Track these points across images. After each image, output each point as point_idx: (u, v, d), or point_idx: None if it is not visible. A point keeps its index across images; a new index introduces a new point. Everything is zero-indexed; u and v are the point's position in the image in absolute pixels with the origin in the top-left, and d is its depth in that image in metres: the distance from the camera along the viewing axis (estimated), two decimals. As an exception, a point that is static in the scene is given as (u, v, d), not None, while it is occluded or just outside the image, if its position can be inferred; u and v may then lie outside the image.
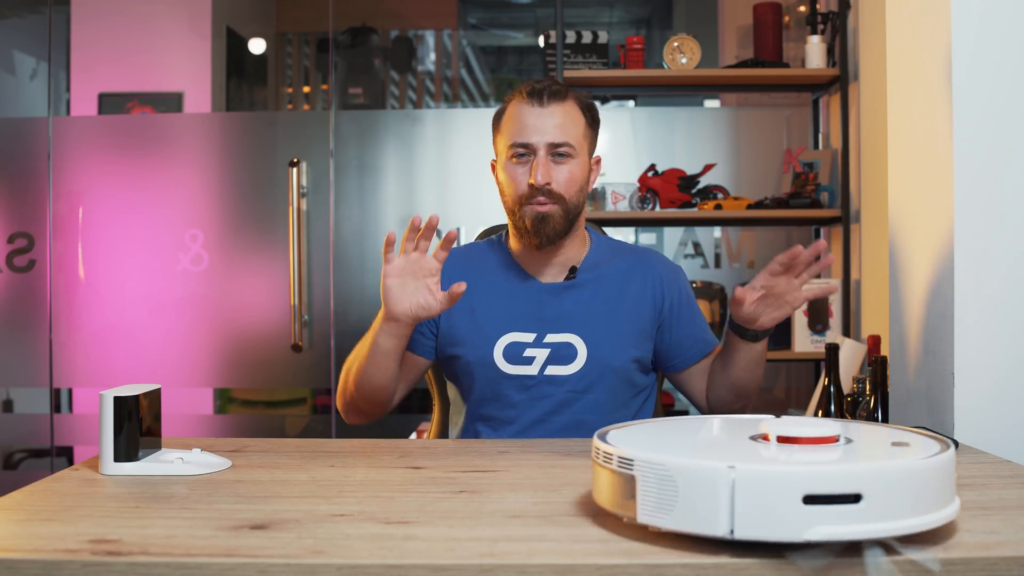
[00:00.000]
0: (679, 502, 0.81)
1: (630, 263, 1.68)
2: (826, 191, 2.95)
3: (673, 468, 0.82)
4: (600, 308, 1.62)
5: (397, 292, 1.45)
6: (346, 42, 3.70)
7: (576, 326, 1.60)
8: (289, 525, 0.93)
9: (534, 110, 1.56)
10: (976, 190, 1.35)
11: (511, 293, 1.63)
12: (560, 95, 1.57)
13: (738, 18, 3.52)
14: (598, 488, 0.92)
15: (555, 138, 1.55)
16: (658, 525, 0.83)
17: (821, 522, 0.78)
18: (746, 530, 0.79)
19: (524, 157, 1.57)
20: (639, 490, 0.84)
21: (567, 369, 1.59)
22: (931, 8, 1.43)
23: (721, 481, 0.79)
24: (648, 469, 0.84)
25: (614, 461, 0.87)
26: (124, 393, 1.18)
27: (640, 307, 1.64)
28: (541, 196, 1.55)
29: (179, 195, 3.29)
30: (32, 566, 0.83)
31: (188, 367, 3.29)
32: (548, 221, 1.56)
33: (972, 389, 1.35)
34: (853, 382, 1.78)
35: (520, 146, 1.56)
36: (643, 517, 0.84)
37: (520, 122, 1.56)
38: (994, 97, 1.35)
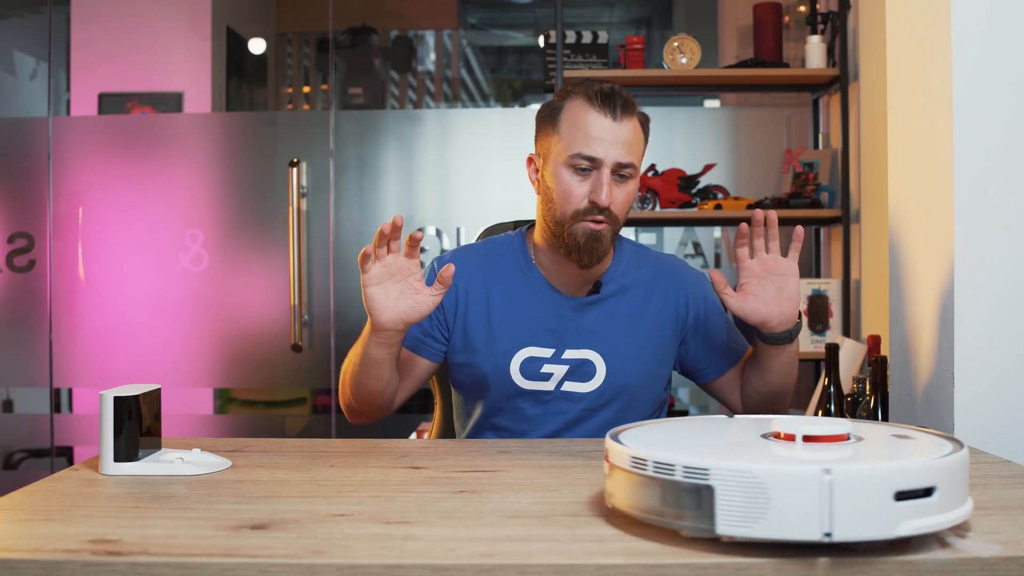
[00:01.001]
0: (770, 510, 0.79)
1: (652, 275, 1.61)
2: (826, 191, 2.95)
3: (763, 475, 0.79)
4: (621, 325, 1.56)
5: (380, 299, 1.38)
6: (346, 42, 3.70)
7: (596, 343, 1.55)
8: (289, 525, 0.93)
9: (606, 122, 1.46)
10: (976, 190, 1.35)
11: (531, 305, 1.56)
12: (631, 108, 1.48)
13: (738, 18, 3.52)
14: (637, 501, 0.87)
15: (623, 157, 1.46)
16: (745, 535, 0.80)
17: (908, 517, 0.79)
18: (843, 532, 0.79)
19: (586, 171, 1.47)
20: (719, 500, 0.80)
21: (585, 386, 1.55)
22: (931, 8, 1.43)
23: (817, 485, 0.78)
24: (731, 478, 0.80)
25: (677, 471, 0.83)
26: (124, 393, 1.18)
27: (662, 322, 1.59)
28: (600, 215, 1.47)
29: (179, 195, 3.29)
30: (32, 566, 0.83)
31: (188, 367, 3.29)
32: (601, 241, 1.48)
33: (972, 389, 1.35)
34: (853, 382, 1.78)
35: (585, 158, 1.46)
36: (724, 528, 0.81)
37: (588, 132, 1.46)
38: (994, 97, 1.35)
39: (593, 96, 1.47)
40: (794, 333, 1.47)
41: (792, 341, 1.48)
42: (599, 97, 1.47)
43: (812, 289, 2.91)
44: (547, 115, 1.54)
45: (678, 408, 3.32)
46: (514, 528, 0.92)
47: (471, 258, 1.61)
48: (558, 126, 1.50)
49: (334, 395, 3.30)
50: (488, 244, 1.66)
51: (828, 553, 0.81)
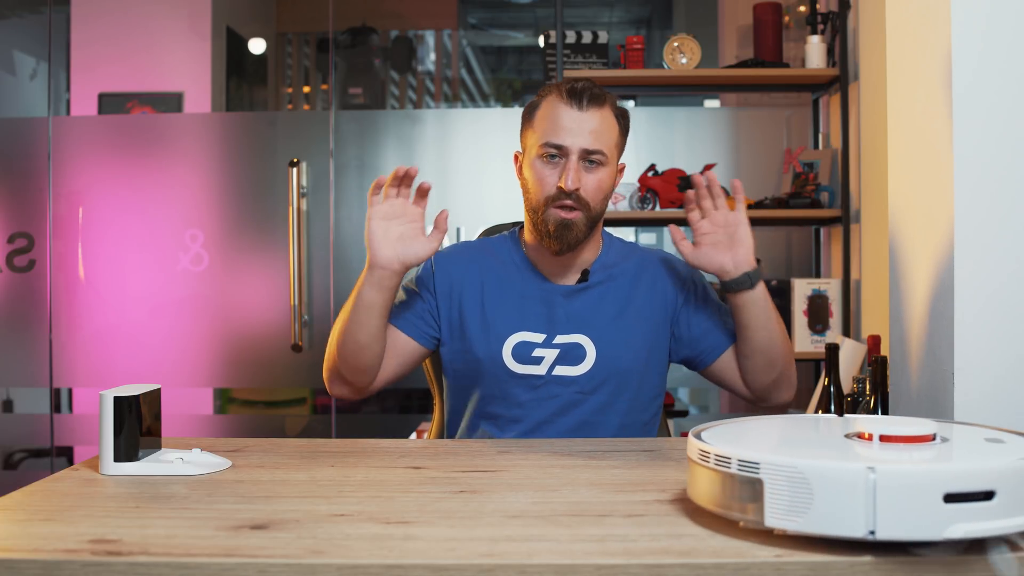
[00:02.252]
0: (814, 505, 0.81)
1: (640, 264, 1.67)
2: (826, 191, 2.95)
3: (807, 470, 0.81)
4: (610, 309, 1.62)
5: (380, 235, 1.46)
6: (346, 42, 3.70)
7: (585, 327, 1.60)
8: (289, 525, 0.93)
9: (572, 112, 1.54)
10: (976, 190, 1.35)
11: (523, 293, 1.62)
12: (599, 100, 1.56)
13: (738, 18, 3.52)
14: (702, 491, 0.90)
15: (589, 144, 1.54)
16: (789, 528, 0.82)
17: (959, 520, 0.79)
18: (887, 530, 0.79)
19: (555, 159, 1.55)
20: (767, 493, 0.83)
21: (576, 370, 1.59)
22: (931, 8, 1.43)
23: (861, 482, 0.79)
24: (778, 472, 0.82)
25: (733, 464, 0.86)
26: (124, 393, 1.18)
27: (650, 310, 1.64)
28: (568, 200, 1.53)
29: (179, 195, 3.29)
30: (32, 566, 0.83)
31: (188, 367, 3.29)
32: (571, 228, 1.54)
33: (972, 389, 1.35)
34: (853, 382, 1.78)
35: (552, 147, 1.54)
36: (771, 521, 0.83)
37: (555, 122, 1.54)
38: (994, 97, 1.35)
39: (564, 91, 1.57)
40: (753, 278, 1.54)
41: (753, 287, 1.54)
42: (568, 91, 1.56)
43: (812, 289, 2.91)
44: (526, 113, 1.64)
45: (678, 408, 3.32)
46: (514, 528, 0.92)
47: (467, 251, 1.69)
48: (533, 122, 1.61)
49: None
50: (483, 241, 1.73)
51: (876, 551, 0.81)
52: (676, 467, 1.20)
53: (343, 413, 3.35)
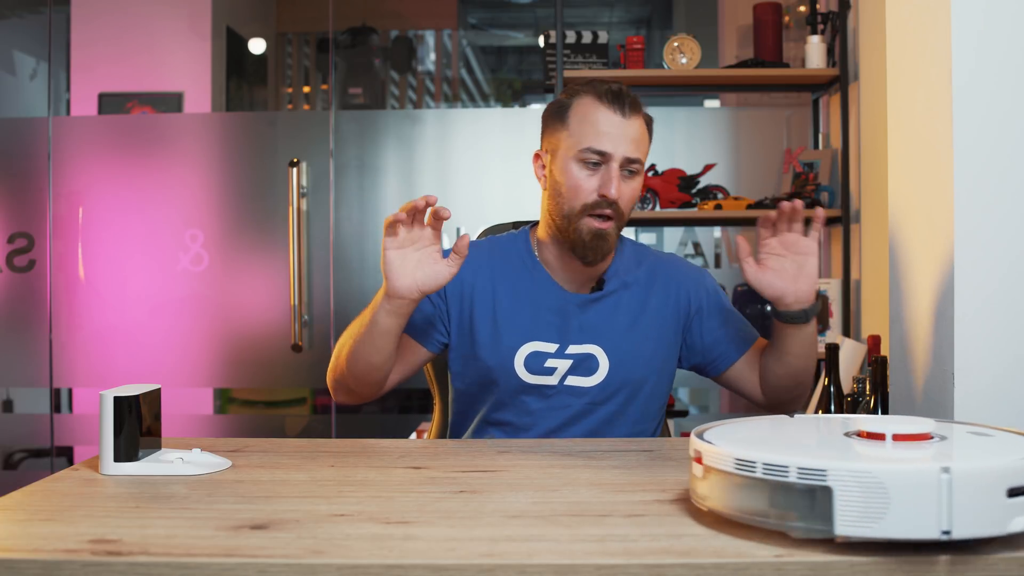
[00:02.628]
0: (890, 510, 0.80)
1: (652, 272, 1.64)
2: (826, 191, 2.95)
3: (884, 476, 0.80)
4: (623, 320, 1.58)
5: (397, 265, 1.37)
6: (346, 42, 3.70)
7: (599, 338, 1.56)
8: (289, 525, 0.93)
9: (615, 117, 1.50)
10: (976, 190, 1.35)
11: (536, 301, 1.58)
12: (638, 107, 1.53)
13: (738, 18, 3.52)
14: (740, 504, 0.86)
15: (631, 152, 1.50)
16: (864, 536, 0.81)
17: (1019, 513, 0.80)
18: (962, 529, 0.79)
19: (595, 165, 1.50)
20: (837, 501, 0.81)
21: (588, 381, 1.56)
22: (931, 8, 1.43)
23: (937, 484, 0.79)
24: (851, 479, 0.80)
25: (791, 473, 0.83)
26: (124, 393, 1.18)
27: (663, 318, 1.61)
28: (608, 210, 1.49)
29: (179, 195, 3.29)
30: (32, 566, 0.83)
31: (188, 367, 3.29)
32: (606, 239, 1.51)
33: (972, 389, 1.35)
34: (853, 382, 1.78)
35: (595, 152, 1.49)
36: (842, 529, 0.81)
37: (597, 126, 1.49)
38: (994, 97, 1.35)
39: (602, 94, 1.51)
40: (810, 313, 1.49)
41: (808, 321, 1.49)
42: (608, 95, 1.51)
43: (812, 289, 2.90)
44: (555, 112, 1.57)
45: (678, 408, 3.32)
46: (514, 528, 0.92)
47: (477, 253, 1.62)
48: (567, 122, 1.53)
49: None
50: (493, 241, 1.67)
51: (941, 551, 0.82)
52: (676, 467, 1.20)
53: (343, 413, 3.35)
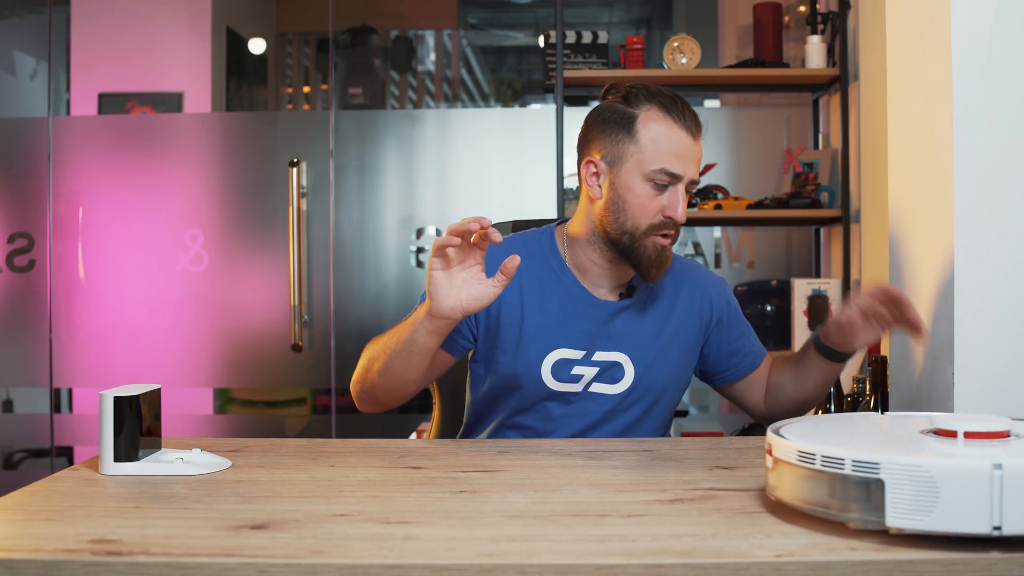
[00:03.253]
0: (940, 504, 0.81)
1: (678, 280, 1.63)
2: (826, 191, 2.95)
3: (934, 470, 0.82)
4: (650, 329, 1.58)
5: (444, 286, 1.31)
6: (346, 42, 3.70)
7: (626, 345, 1.56)
8: (289, 525, 0.93)
9: (688, 140, 1.48)
10: (976, 190, 1.35)
11: (564, 307, 1.55)
12: (700, 126, 1.52)
13: (738, 18, 3.52)
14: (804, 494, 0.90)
15: (695, 175, 1.50)
16: (914, 528, 0.83)
17: None
18: (1012, 525, 0.81)
19: (664, 186, 1.47)
20: (888, 494, 0.83)
21: (613, 388, 1.55)
22: (931, 8, 1.42)
23: (988, 480, 0.81)
24: (901, 472, 0.83)
25: (847, 465, 0.86)
26: (124, 393, 1.18)
27: (688, 326, 1.61)
28: (672, 230, 1.50)
29: (179, 195, 3.29)
30: (32, 566, 0.83)
31: (188, 367, 3.29)
32: (668, 256, 1.52)
33: (972, 389, 1.35)
34: (853, 382, 1.79)
35: (668, 175, 1.47)
36: (892, 521, 0.83)
37: (673, 149, 1.47)
38: (995, 96, 1.35)
39: (672, 110, 1.48)
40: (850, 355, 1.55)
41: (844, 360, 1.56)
42: (680, 114, 1.48)
43: (812, 289, 2.91)
44: (617, 121, 1.50)
45: (678, 408, 3.32)
46: (514, 528, 0.92)
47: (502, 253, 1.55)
48: (635, 136, 1.48)
49: (334, 395, 3.30)
50: (516, 240, 1.62)
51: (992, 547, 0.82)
52: (676, 467, 1.20)
53: (343, 413, 3.35)
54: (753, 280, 3.28)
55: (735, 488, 1.07)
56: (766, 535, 0.88)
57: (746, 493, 1.05)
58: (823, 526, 0.91)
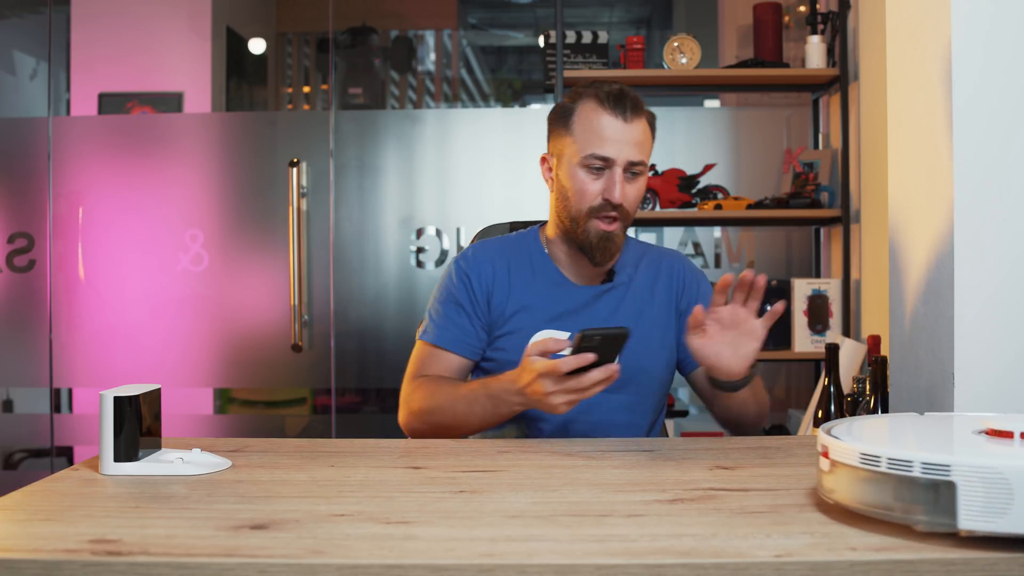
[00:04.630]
0: (1015, 505, 0.81)
1: (657, 264, 1.69)
2: (826, 191, 2.95)
3: (1008, 472, 0.81)
4: (631, 311, 1.63)
5: None
6: (346, 42, 3.70)
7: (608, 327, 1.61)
8: (289, 525, 0.93)
9: (617, 123, 1.53)
10: (976, 190, 1.35)
11: (548, 294, 1.63)
12: (639, 109, 1.56)
13: (738, 18, 3.52)
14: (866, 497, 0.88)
15: (633, 156, 1.54)
16: (988, 531, 0.82)
17: None
18: None
19: (600, 170, 1.54)
20: (960, 496, 0.82)
21: None
22: (931, 8, 1.43)
23: None
24: (974, 474, 0.82)
25: (915, 467, 0.85)
26: (124, 393, 1.18)
27: (666, 308, 1.66)
28: (613, 212, 1.54)
29: (179, 195, 3.29)
30: (32, 566, 0.83)
31: (188, 367, 3.29)
32: (613, 239, 1.56)
33: (972, 389, 1.35)
34: (853, 382, 1.78)
35: (599, 158, 1.53)
36: (965, 523, 0.82)
37: (600, 133, 1.53)
38: (994, 96, 1.35)
39: (604, 98, 1.54)
40: (739, 386, 1.48)
41: (737, 391, 1.49)
42: (610, 99, 1.54)
43: (812, 289, 2.91)
44: (559, 117, 1.60)
45: (678, 408, 3.32)
46: (514, 528, 0.92)
47: (493, 251, 1.67)
48: (571, 128, 1.57)
49: (334, 395, 3.30)
50: (505, 240, 1.72)
51: None
52: (676, 467, 1.20)
53: (343, 413, 3.35)
54: (753, 280, 3.28)
55: (735, 488, 1.07)
56: (766, 535, 0.88)
57: (746, 493, 1.05)
58: (822, 526, 0.91)
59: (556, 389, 1.30)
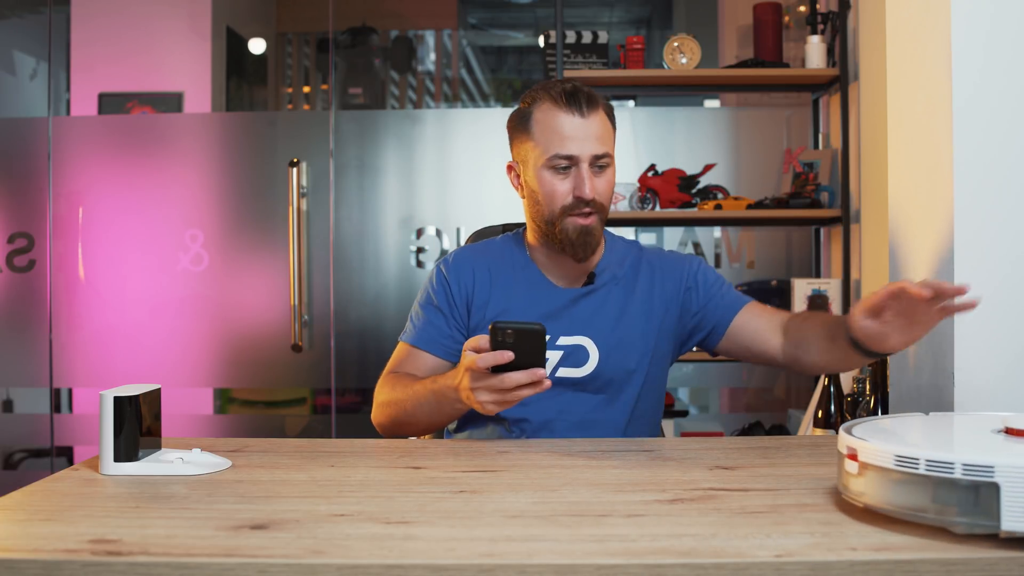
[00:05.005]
0: None
1: (637, 263, 1.68)
2: (826, 191, 2.95)
3: None
4: (611, 312, 1.62)
5: None
6: (346, 42, 3.70)
7: (589, 329, 1.61)
8: (289, 525, 0.93)
9: (575, 120, 1.53)
10: (976, 190, 1.35)
11: (529, 297, 1.63)
12: (596, 102, 1.55)
13: (738, 18, 3.52)
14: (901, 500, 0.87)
15: (598, 149, 1.54)
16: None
17: None
18: None
19: (566, 169, 1.55)
20: (1004, 497, 0.82)
21: (579, 371, 1.60)
22: (931, 8, 1.43)
23: None
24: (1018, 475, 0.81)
25: (956, 469, 0.84)
26: (124, 393, 1.18)
27: (651, 305, 1.64)
28: (587, 207, 1.54)
29: (179, 195, 3.29)
30: (32, 566, 0.83)
31: (188, 367, 3.29)
32: (592, 233, 1.55)
33: (972, 389, 1.35)
34: (853, 382, 1.78)
35: (563, 158, 1.53)
36: (1009, 524, 0.82)
37: (561, 132, 1.53)
38: (994, 97, 1.35)
39: (559, 97, 1.54)
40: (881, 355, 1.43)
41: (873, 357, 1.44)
42: (564, 97, 1.54)
43: (812, 289, 2.91)
44: (518, 122, 1.61)
45: (678, 408, 3.32)
46: (514, 528, 0.92)
47: (475, 256, 1.69)
48: (531, 131, 1.58)
49: (334, 395, 3.31)
50: (489, 244, 1.73)
51: None
52: (676, 467, 1.20)
53: (343, 413, 3.35)
54: (753, 280, 3.29)
55: (735, 488, 1.07)
56: (766, 535, 0.88)
57: (746, 493, 1.05)
58: (821, 526, 0.91)
59: (479, 386, 1.31)
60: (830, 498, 1.01)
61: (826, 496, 1.02)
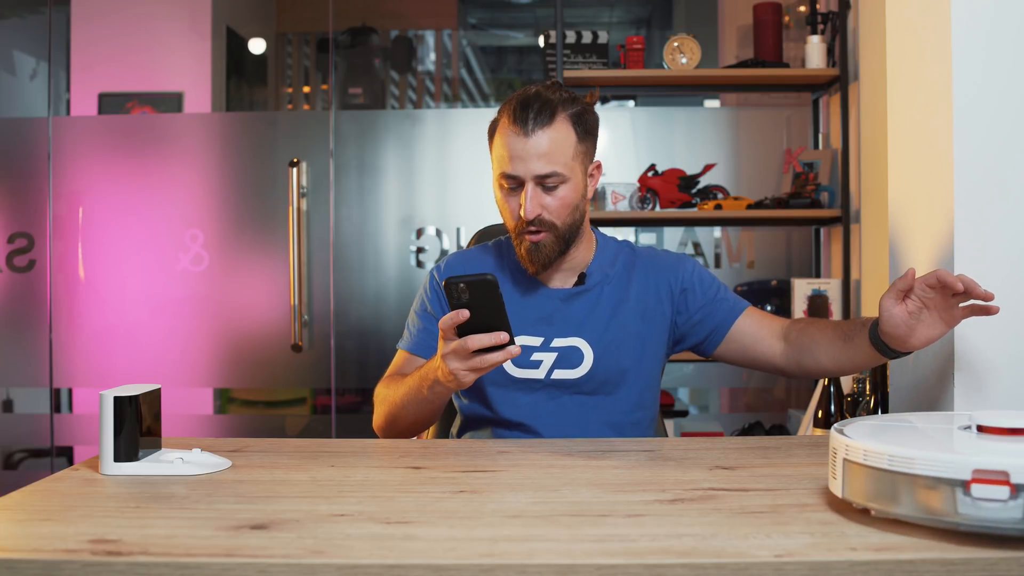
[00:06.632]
0: None
1: (630, 265, 1.67)
2: (826, 191, 2.95)
3: None
4: (604, 312, 1.62)
5: None
6: (346, 42, 3.70)
7: (582, 330, 1.61)
8: (289, 525, 0.93)
9: (519, 140, 1.49)
10: (976, 190, 1.35)
11: (520, 300, 1.63)
12: (545, 118, 1.49)
13: (738, 18, 3.52)
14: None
15: (541, 170, 1.49)
16: None
17: None
18: None
19: (514, 189, 1.53)
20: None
21: (573, 372, 1.60)
22: (931, 8, 1.43)
23: None
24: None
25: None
26: (124, 393, 1.18)
27: (643, 308, 1.64)
28: (532, 226, 1.52)
29: (179, 195, 3.29)
30: (32, 566, 0.83)
31: (188, 367, 3.29)
32: (541, 250, 1.54)
33: (972, 389, 1.35)
34: (853, 382, 1.78)
35: (508, 177, 1.52)
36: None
37: (507, 151, 1.51)
38: (994, 97, 1.35)
39: (511, 111, 1.52)
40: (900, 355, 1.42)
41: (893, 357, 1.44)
42: (515, 112, 1.51)
43: (812, 289, 2.91)
44: (489, 135, 1.60)
45: (678, 408, 3.32)
46: (514, 528, 0.92)
47: (468, 260, 1.70)
48: (493, 145, 1.58)
49: (334, 395, 3.31)
50: (483, 248, 1.74)
51: None
52: (676, 467, 1.20)
53: (343, 413, 3.35)
54: (753, 280, 3.29)
55: (735, 488, 1.07)
56: (766, 535, 0.88)
57: (746, 493, 1.05)
58: (821, 526, 0.91)
59: (447, 352, 1.33)
60: (830, 498, 1.01)
61: (826, 496, 1.02)
